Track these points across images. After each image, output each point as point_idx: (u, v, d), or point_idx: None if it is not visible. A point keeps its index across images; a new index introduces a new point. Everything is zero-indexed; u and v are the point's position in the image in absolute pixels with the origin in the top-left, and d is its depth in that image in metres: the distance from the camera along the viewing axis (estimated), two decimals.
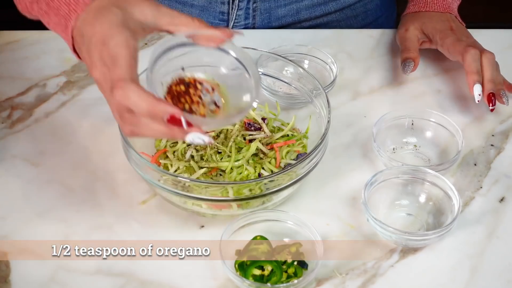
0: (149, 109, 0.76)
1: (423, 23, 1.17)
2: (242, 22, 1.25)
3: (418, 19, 1.18)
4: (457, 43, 1.13)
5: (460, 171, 1.03)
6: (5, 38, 1.22)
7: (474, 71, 1.08)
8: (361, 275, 0.91)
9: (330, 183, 1.01)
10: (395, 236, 0.92)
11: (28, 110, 1.10)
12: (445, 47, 1.14)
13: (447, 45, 1.14)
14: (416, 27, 1.17)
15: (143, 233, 0.95)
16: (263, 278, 0.89)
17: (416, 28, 1.17)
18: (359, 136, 1.08)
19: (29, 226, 0.95)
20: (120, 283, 0.90)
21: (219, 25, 1.24)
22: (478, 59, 1.10)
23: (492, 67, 1.09)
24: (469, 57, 1.09)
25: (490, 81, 1.08)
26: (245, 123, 1.02)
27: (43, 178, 1.01)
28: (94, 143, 1.06)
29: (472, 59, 1.09)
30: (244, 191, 0.91)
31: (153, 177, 0.92)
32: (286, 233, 0.94)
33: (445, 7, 1.19)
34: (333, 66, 1.14)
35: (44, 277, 0.90)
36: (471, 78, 1.08)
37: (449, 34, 1.15)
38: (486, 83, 1.08)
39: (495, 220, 0.97)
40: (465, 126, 1.09)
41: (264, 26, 1.26)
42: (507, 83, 1.12)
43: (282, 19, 1.27)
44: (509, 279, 0.91)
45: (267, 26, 1.26)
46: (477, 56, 1.10)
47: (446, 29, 1.16)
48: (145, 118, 0.77)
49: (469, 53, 1.10)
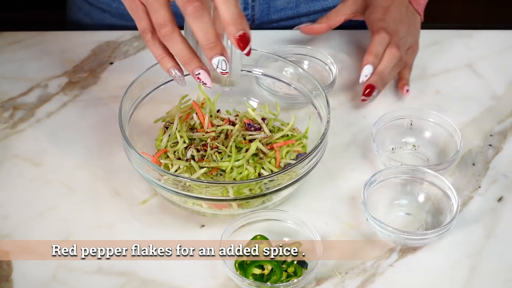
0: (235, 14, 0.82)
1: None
2: None
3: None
4: (377, 22, 1.11)
5: (458, 171, 1.03)
6: (7, 38, 1.22)
7: (372, 52, 1.08)
8: (360, 274, 0.91)
9: (329, 183, 1.01)
10: (394, 236, 0.92)
11: (30, 110, 1.11)
12: (368, 21, 1.12)
13: (371, 19, 1.12)
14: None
15: (143, 232, 0.96)
16: (263, 277, 0.89)
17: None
18: (359, 136, 1.08)
19: (31, 225, 0.96)
20: (121, 282, 0.90)
21: None
22: (384, 44, 1.08)
23: (389, 62, 1.08)
24: (376, 39, 1.08)
25: (379, 73, 1.07)
26: (245, 123, 1.02)
27: (45, 178, 1.02)
28: (95, 143, 1.06)
29: (378, 42, 1.08)
30: (244, 191, 0.91)
31: (153, 177, 0.92)
32: (286, 232, 0.94)
33: None
34: (333, 66, 1.14)
35: (46, 276, 0.91)
36: (366, 58, 1.07)
37: (379, 11, 1.12)
38: (375, 73, 1.07)
39: (494, 219, 0.97)
40: (464, 126, 1.09)
41: (263, 18, 1.26)
42: (403, 82, 1.11)
43: (282, 12, 1.27)
44: (507, 278, 0.91)
45: (266, 19, 1.26)
46: (384, 41, 1.08)
47: (383, 6, 1.13)
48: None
49: (378, 35, 1.08)
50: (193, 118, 1.03)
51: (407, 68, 1.13)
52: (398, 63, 1.10)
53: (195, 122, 1.03)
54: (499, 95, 1.15)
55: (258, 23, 1.27)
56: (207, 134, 1.01)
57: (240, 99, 1.09)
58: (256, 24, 1.27)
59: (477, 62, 1.20)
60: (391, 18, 1.12)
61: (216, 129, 1.01)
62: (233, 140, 0.99)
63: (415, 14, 1.16)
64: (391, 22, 1.11)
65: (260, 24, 1.27)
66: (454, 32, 1.25)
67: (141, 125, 1.03)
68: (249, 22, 1.26)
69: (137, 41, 1.21)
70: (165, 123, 1.05)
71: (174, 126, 1.02)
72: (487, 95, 1.15)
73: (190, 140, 1.01)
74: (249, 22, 1.26)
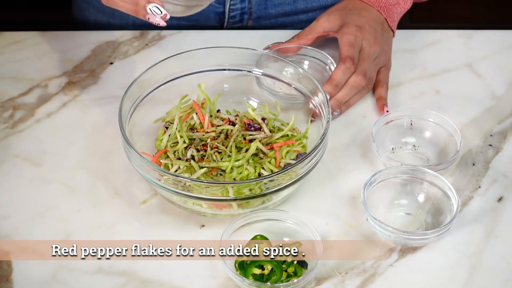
0: None
1: (347, 12, 1.13)
2: (238, 5, 1.25)
3: (344, 9, 1.14)
4: (347, 47, 1.09)
5: (458, 171, 1.03)
6: (7, 39, 1.22)
7: (333, 82, 1.07)
8: (360, 274, 0.91)
9: (329, 183, 1.02)
10: (394, 236, 0.92)
11: (29, 110, 1.11)
12: (340, 42, 1.11)
13: (343, 41, 1.10)
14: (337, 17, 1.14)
15: (143, 232, 0.96)
16: (263, 277, 0.89)
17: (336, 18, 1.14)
18: (359, 136, 1.08)
19: (31, 225, 0.96)
20: (121, 282, 0.90)
21: (215, 7, 1.24)
22: (348, 74, 1.07)
23: (350, 90, 1.07)
24: (341, 68, 1.07)
25: (338, 100, 1.07)
26: (245, 123, 1.02)
27: (45, 178, 1.02)
28: (95, 143, 1.06)
29: (342, 71, 1.07)
30: (244, 191, 0.91)
31: (153, 177, 0.92)
32: (286, 232, 0.94)
33: (379, 4, 1.14)
34: (333, 66, 1.14)
35: (46, 276, 0.91)
36: (326, 87, 1.06)
37: (352, 32, 1.10)
38: (333, 99, 1.07)
39: (494, 219, 0.97)
40: (464, 126, 1.09)
41: (261, 12, 1.26)
42: (381, 102, 1.10)
43: (279, 7, 1.26)
44: (507, 278, 0.91)
45: (263, 13, 1.26)
46: (348, 72, 1.07)
47: (357, 25, 1.11)
48: None
49: (344, 65, 1.07)
50: (193, 118, 1.03)
51: (384, 87, 1.12)
52: (362, 90, 1.10)
53: (195, 122, 1.03)
54: (499, 95, 1.15)
55: (256, 16, 1.27)
56: (207, 134, 1.01)
57: (240, 99, 1.09)
58: (253, 18, 1.27)
59: (477, 62, 1.20)
60: (365, 41, 1.10)
61: (216, 129, 1.02)
62: (233, 140, 0.99)
63: (389, 31, 1.15)
64: (365, 45, 1.10)
65: (258, 18, 1.27)
66: (454, 32, 1.25)
67: (141, 125, 1.03)
68: (246, 15, 1.26)
69: (137, 41, 1.22)
70: (165, 123, 1.05)
71: (174, 126, 1.02)
72: (487, 95, 1.15)
73: (190, 140, 1.01)
74: (246, 15, 1.26)
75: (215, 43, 1.20)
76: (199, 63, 1.06)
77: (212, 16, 1.26)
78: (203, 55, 1.06)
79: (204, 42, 1.20)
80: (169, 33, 1.23)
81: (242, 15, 1.26)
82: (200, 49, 1.06)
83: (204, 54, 1.06)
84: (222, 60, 1.07)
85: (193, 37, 1.22)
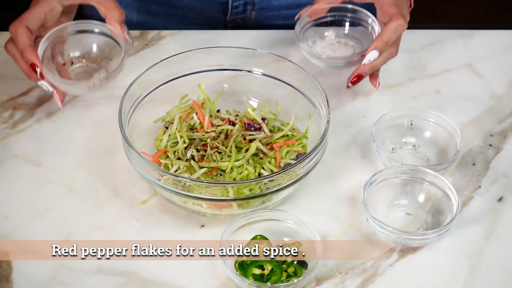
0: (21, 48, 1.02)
1: None
2: None
3: None
4: (393, 6, 1.06)
5: (458, 171, 1.03)
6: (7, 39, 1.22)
7: (385, 40, 1.04)
8: (360, 275, 0.91)
9: (329, 183, 1.02)
10: (394, 236, 0.92)
11: (29, 110, 1.11)
12: (380, 4, 1.08)
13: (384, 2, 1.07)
14: None
15: (143, 232, 0.96)
16: (263, 278, 0.89)
17: None
18: (359, 136, 1.08)
19: (31, 225, 0.96)
20: (121, 282, 0.90)
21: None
22: (399, 33, 1.05)
23: (386, 58, 1.07)
24: (392, 26, 1.04)
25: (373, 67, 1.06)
26: (245, 123, 1.02)
27: (45, 178, 1.02)
28: (95, 143, 1.06)
29: (393, 30, 1.04)
30: (244, 191, 0.91)
31: (153, 177, 0.92)
32: (286, 232, 0.94)
33: None
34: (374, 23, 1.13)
35: (46, 276, 0.91)
36: (376, 44, 1.04)
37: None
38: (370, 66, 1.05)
39: (494, 219, 0.97)
40: (464, 126, 1.09)
41: (263, 3, 1.25)
42: (375, 74, 1.09)
43: None
44: (507, 278, 0.91)
45: (266, 5, 1.26)
46: (401, 30, 1.05)
47: None
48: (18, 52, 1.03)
49: (396, 22, 1.04)
50: (193, 118, 1.03)
51: None
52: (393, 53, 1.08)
53: (195, 122, 1.03)
54: (499, 95, 1.15)
55: (259, 8, 1.27)
56: (207, 134, 1.01)
57: (240, 99, 1.09)
58: (257, 9, 1.27)
59: (477, 62, 1.20)
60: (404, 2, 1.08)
61: (216, 129, 1.02)
62: (233, 140, 0.99)
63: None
64: (405, 9, 1.08)
65: (261, 9, 1.27)
66: (454, 32, 1.25)
67: (141, 125, 1.03)
68: (249, 6, 1.27)
69: (137, 41, 1.21)
70: (165, 123, 1.05)
71: (174, 126, 1.02)
72: (487, 95, 1.15)
73: (190, 140, 1.01)
74: (249, 6, 1.27)
75: (215, 43, 1.20)
76: (199, 63, 1.06)
77: (215, 6, 1.26)
78: (203, 55, 1.06)
79: (204, 42, 1.20)
80: (169, 33, 1.23)
81: (245, 5, 1.26)
82: (200, 49, 1.06)
83: (204, 54, 1.06)
84: (222, 60, 1.07)
85: (193, 37, 1.22)
